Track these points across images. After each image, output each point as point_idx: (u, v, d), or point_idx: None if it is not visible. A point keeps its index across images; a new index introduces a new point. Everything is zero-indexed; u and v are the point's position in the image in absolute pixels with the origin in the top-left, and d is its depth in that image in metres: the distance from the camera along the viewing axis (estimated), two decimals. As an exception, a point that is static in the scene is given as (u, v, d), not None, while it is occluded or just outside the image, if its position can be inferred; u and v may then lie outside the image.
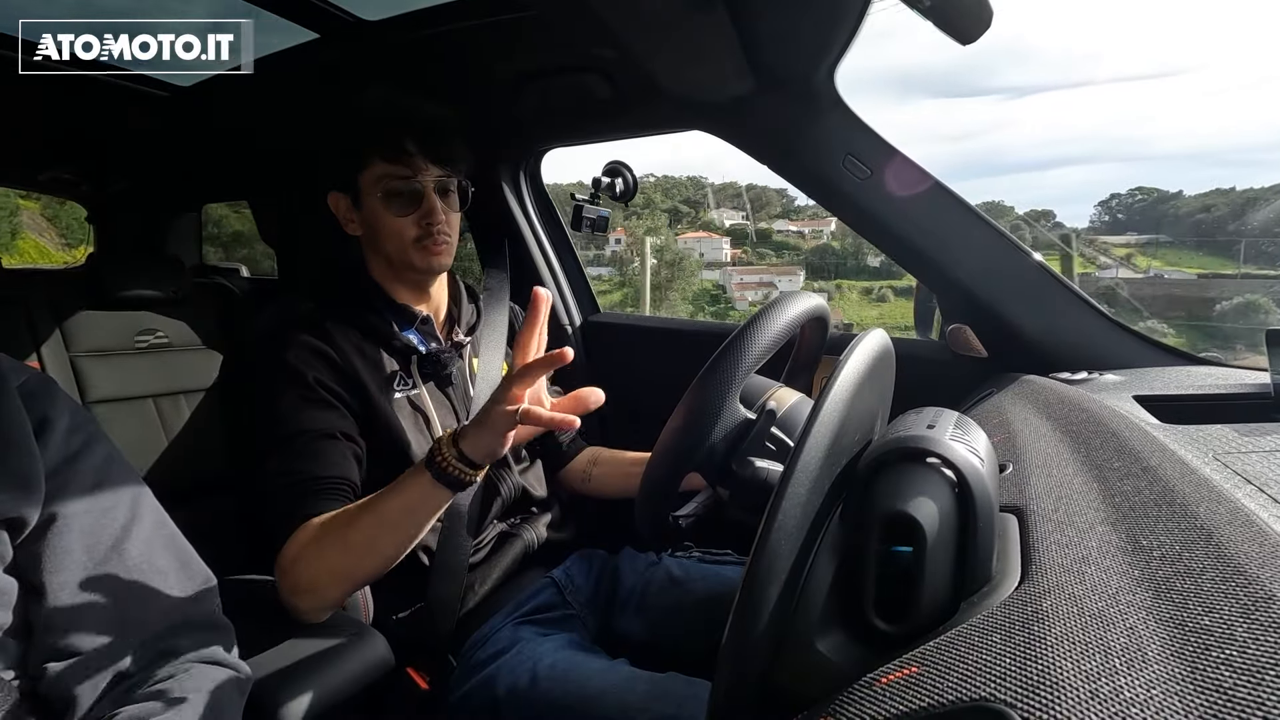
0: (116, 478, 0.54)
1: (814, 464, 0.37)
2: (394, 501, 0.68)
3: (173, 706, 0.47)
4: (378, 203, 0.83)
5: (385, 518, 0.68)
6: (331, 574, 0.69)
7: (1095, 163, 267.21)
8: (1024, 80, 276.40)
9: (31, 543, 0.48)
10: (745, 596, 0.35)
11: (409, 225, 0.84)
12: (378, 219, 0.84)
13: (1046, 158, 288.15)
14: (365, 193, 0.84)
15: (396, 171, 0.82)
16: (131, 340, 1.18)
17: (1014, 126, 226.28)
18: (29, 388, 0.51)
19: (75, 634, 0.47)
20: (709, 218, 39.66)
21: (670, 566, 0.97)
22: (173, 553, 0.55)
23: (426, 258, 0.85)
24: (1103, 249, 35.99)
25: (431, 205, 0.83)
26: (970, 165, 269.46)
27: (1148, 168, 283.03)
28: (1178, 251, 38.56)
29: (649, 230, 32.24)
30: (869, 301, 31.95)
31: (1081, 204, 49.57)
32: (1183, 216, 43.92)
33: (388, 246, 0.85)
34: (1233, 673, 0.23)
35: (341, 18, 1.07)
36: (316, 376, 0.78)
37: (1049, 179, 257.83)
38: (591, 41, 0.98)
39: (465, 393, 0.92)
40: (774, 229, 39.52)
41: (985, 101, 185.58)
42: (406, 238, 0.84)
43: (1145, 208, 47.17)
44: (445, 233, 0.85)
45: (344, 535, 0.69)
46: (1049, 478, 0.48)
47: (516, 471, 0.95)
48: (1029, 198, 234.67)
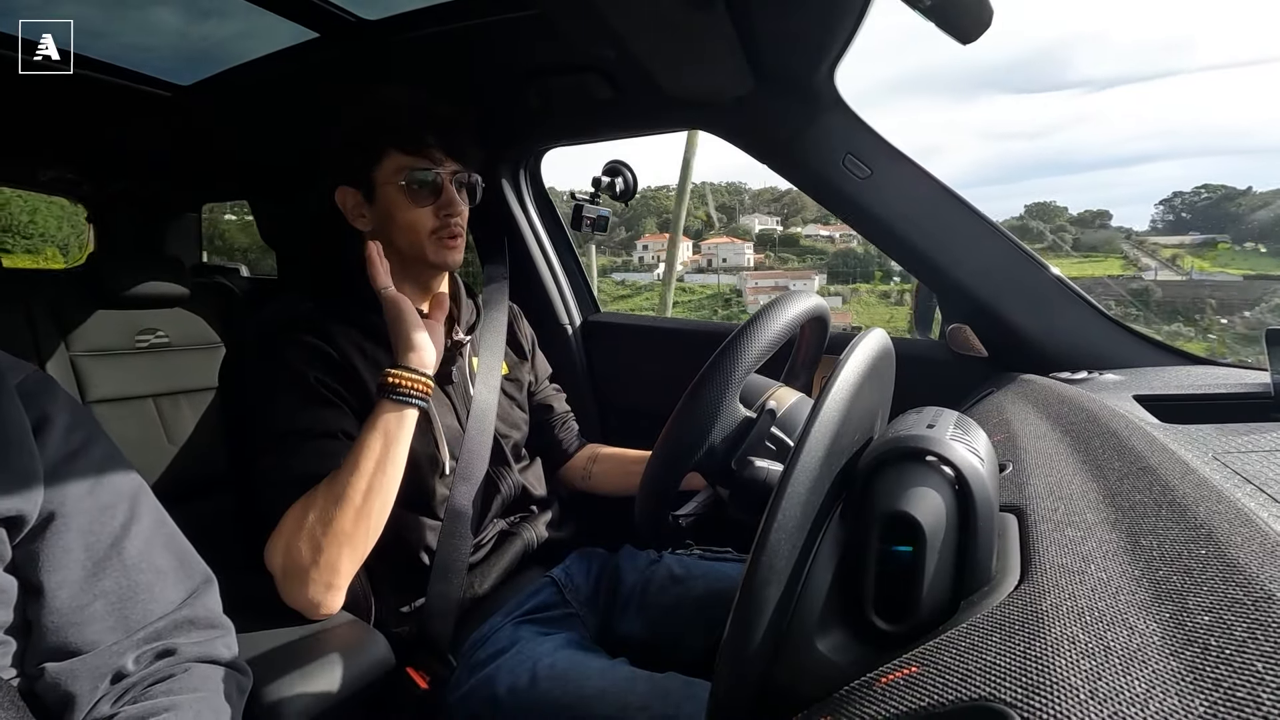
0: (116, 476, 0.53)
1: (814, 463, 0.38)
2: (368, 438, 0.72)
3: (172, 708, 0.47)
4: (398, 192, 0.83)
5: (365, 457, 0.71)
6: (332, 538, 0.69)
7: (1183, 158, 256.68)
8: (1104, 73, 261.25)
9: (30, 541, 0.48)
10: (745, 596, 0.35)
11: (428, 216, 0.84)
12: (395, 210, 0.84)
13: (1129, 154, 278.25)
14: (382, 184, 0.84)
15: (417, 163, 0.83)
16: (132, 340, 1.18)
17: (1094, 121, 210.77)
18: (28, 386, 0.51)
19: (74, 633, 0.47)
20: (741, 223, 39.77)
21: (670, 565, 0.97)
22: (172, 551, 0.55)
23: (441, 251, 0.85)
24: (1150, 250, 35.36)
25: (451, 196, 0.84)
26: (1044, 164, 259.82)
27: (1242, 162, 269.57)
28: (1239, 252, 37.55)
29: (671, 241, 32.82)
30: (887, 304, 32.00)
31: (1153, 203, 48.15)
32: (1244, 215, 42.94)
33: (402, 239, 0.85)
34: (1232, 672, 0.23)
35: (342, 17, 1.07)
36: (317, 375, 0.78)
37: (1129, 176, 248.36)
38: (592, 41, 0.98)
39: (465, 391, 0.92)
40: (803, 234, 39.74)
41: (1063, 96, 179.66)
42: (424, 229, 0.84)
43: (1209, 206, 45.70)
44: (461, 226, 0.86)
45: (331, 491, 0.70)
46: (1049, 477, 0.48)
47: (516, 470, 0.95)
48: (1105, 197, 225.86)
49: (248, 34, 1.20)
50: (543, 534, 0.95)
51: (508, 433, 0.95)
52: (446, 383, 0.90)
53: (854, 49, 0.88)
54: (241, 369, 0.92)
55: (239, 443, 1.23)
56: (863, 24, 0.83)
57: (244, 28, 1.17)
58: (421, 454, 0.83)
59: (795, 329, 0.67)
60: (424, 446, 0.84)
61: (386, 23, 1.09)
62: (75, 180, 2.08)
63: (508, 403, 0.98)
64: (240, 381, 0.93)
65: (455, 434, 0.88)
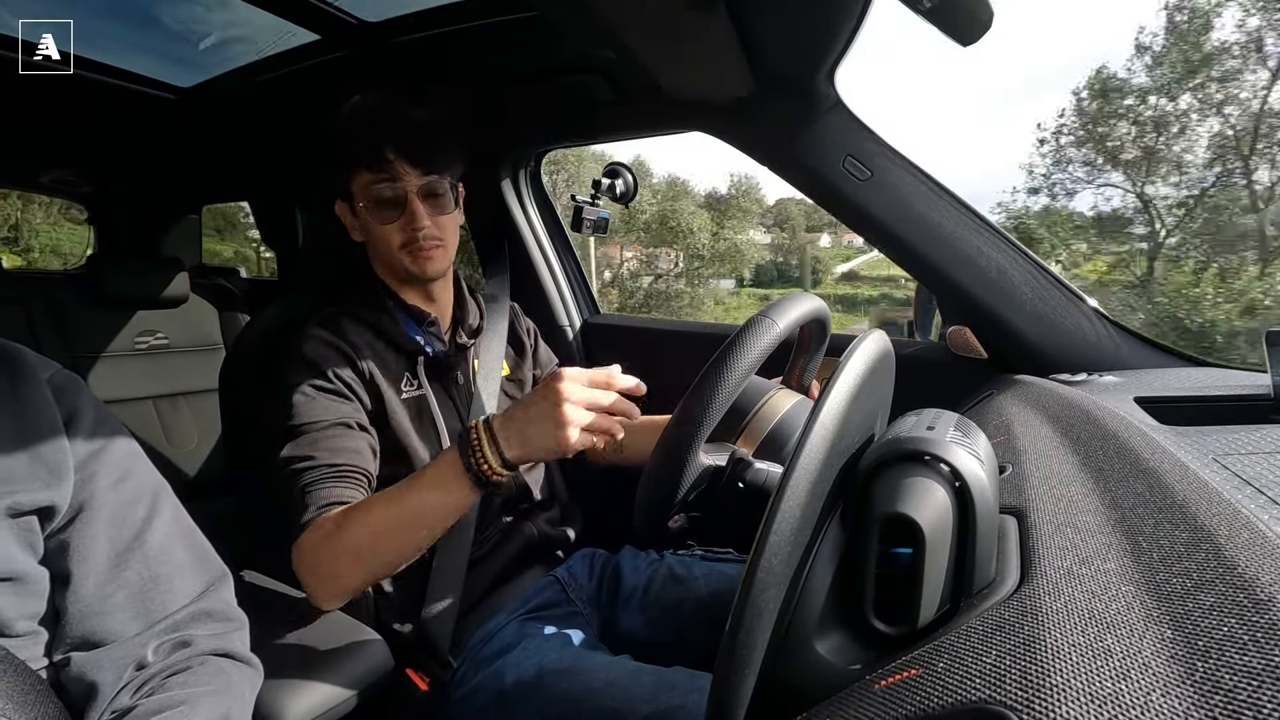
0: (139, 471, 0.55)
1: (814, 465, 0.37)
2: (429, 497, 0.68)
3: (188, 700, 0.48)
4: (365, 211, 0.84)
5: (412, 511, 0.68)
6: (355, 564, 0.69)
7: None
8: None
9: (60, 532, 0.49)
10: (745, 598, 0.35)
11: (394, 232, 0.84)
12: (368, 227, 0.85)
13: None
14: (356, 200, 0.85)
15: (378, 179, 0.82)
16: (131, 341, 1.18)
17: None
18: (57, 381, 0.53)
19: (97, 622, 0.49)
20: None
21: (672, 564, 0.97)
22: (190, 546, 0.56)
23: (416, 263, 0.85)
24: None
25: (414, 210, 0.83)
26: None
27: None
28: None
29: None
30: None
31: None
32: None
33: (381, 253, 0.87)
34: (1232, 675, 0.23)
35: (342, 18, 1.07)
36: (333, 370, 0.79)
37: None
38: (592, 42, 0.98)
39: (468, 394, 0.92)
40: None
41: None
42: (393, 244, 0.84)
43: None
44: (433, 237, 0.85)
45: (368, 525, 0.69)
46: (1048, 480, 0.48)
47: (518, 470, 0.95)
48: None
49: (248, 36, 1.20)
50: (544, 532, 0.95)
51: None
52: (451, 385, 0.91)
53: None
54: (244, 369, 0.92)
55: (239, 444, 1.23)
56: (863, 25, 0.83)
57: (245, 30, 1.18)
58: (427, 456, 0.84)
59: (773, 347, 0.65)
60: (429, 449, 0.84)
61: (387, 24, 1.09)
62: (76, 181, 2.08)
63: (508, 403, 0.98)
64: (243, 382, 0.93)
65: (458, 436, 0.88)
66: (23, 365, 0.51)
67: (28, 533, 0.47)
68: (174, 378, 1.21)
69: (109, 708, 0.47)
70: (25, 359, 0.52)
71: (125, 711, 0.47)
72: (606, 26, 0.81)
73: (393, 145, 0.82)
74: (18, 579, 0.46)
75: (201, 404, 1.23)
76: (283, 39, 1.17)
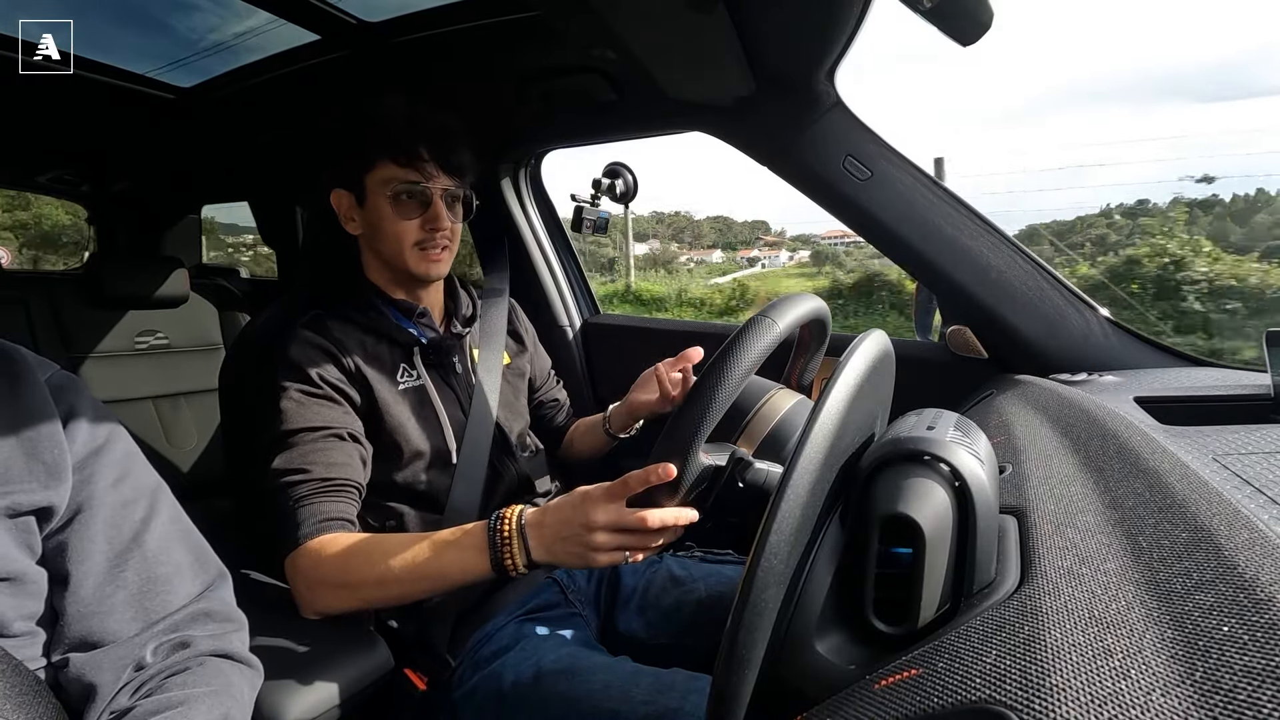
0: (137, 472, 0.55)
1: (814, 465, 0.37)
2: (447, 567, 0.68)
3: (186, 701, 0.48)
4: (384, 203, 0.84)
5: (425, 573, 0.69)
6: (351, 597, 0.71)
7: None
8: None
9: (58, 532, 0.49)
10: (745, 598, 0.35)
11: (412, 229, 0.84)
12: (382, 219, 0.85)
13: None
14: (371, 192, 0.84)
15: (406, 175, 0.83)
16: (131, 341, 1.18)
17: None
18: (56, 381, 0.53)
19: (96, 622, 0.49)
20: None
21: (671, 566, 0.97)
22: (188, 546, 0.56)
23: (424, 263, 0.86)
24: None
25: (438, 211, 0.84)
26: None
27: None
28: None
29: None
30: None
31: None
32: None
33: (387, 248, 0.86)
34: (1231, 675, 0.23)
35: (342, 19, 1.07)
36: (320, 373, 0.79)
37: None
38: (592, 42, 0.98)
39: (468, 382, 0.93)
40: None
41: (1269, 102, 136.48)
42: (407, 241, 0.84)
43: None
44: (447, 240, 0.87)
45: (374, 569, 0.69)
46: (1049, 479, 0.48)
47: (519, 460, 0.96)
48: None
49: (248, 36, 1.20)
50: None
51: (510, 422, 0.96)
52: (450, 373, 0.91)
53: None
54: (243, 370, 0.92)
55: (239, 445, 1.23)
56: (863, 26, 0.83)
57: (245, 30, 1.18)
58: (428, 446, 0.84)
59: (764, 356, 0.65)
60: (431, 439, 0.84)
61: (387, 25, 1.09)
62: (76, 181, 2.08)
63: (511, 391, 0.99)
64: (242, 382, 0.93)
65: (460, 425, 0.89)
66: (22, 365, 0.51)
67: (26, 533, 0.47)
68: (174, 378, 1.21)
69: (108, 708, 0.47)
70: (24, 359, 0.52)
71: (124, 712, 0.46)
72: (607, 27, 0.81)
73: (427, 144, 0.83)
74: (15, 579, 0.46)
75: (201, 404, 1.23)
76: (283, 39, 1.17)
